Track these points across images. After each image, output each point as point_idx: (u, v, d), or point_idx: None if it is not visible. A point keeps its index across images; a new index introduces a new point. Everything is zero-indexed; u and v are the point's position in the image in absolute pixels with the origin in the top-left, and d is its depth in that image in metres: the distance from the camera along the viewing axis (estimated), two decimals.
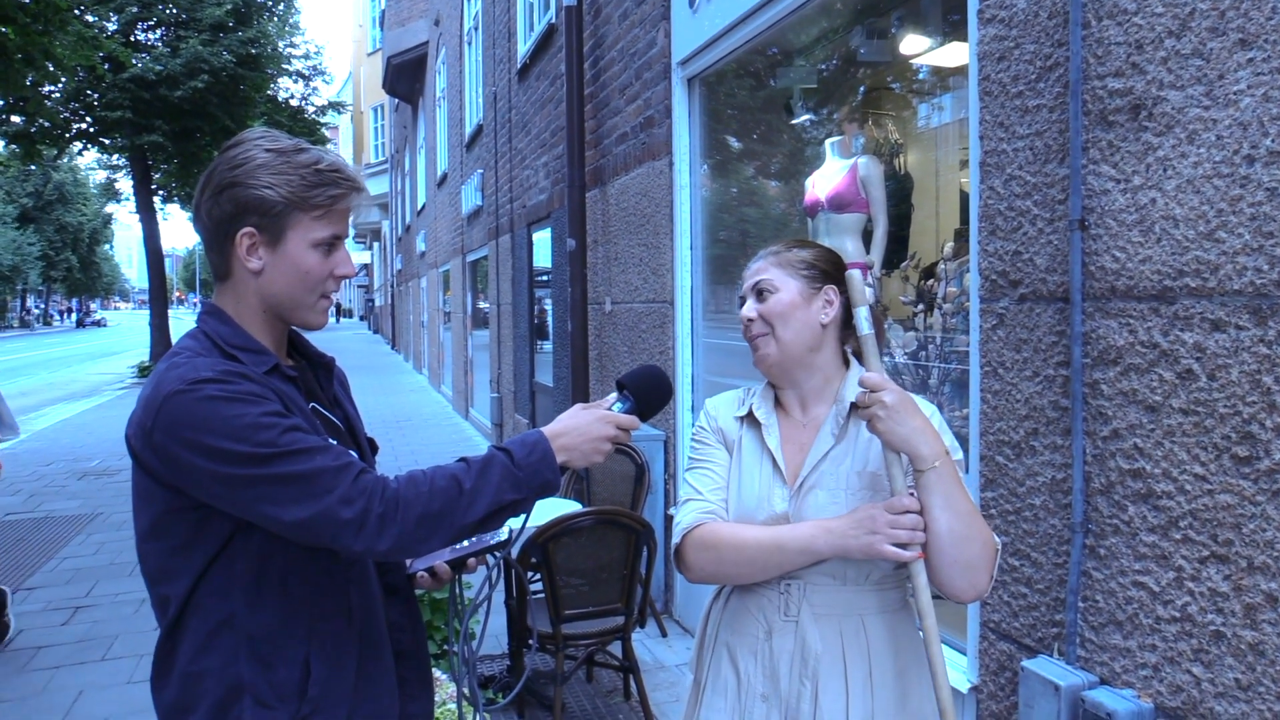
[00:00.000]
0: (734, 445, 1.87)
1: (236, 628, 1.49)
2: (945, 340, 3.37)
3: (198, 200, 1.56)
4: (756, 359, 1.85)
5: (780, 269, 1.83)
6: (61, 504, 8.71)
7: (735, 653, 1.81)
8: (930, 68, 3.80)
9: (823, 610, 1.74)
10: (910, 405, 1.62)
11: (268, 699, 1.49)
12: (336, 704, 1.55)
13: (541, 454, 1.55)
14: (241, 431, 1.39)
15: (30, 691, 4.50)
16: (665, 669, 4.72)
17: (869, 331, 1.68)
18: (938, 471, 1.60)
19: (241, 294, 1.57)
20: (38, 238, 56.95)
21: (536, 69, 8.57)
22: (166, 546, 1.51)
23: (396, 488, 1.44)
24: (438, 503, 1.45)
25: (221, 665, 1.49)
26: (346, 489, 1.41)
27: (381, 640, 1.66)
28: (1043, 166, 2.44)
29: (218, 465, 1.39)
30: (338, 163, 1.57)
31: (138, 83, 19.89)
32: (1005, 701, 2.61)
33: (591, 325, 6.78)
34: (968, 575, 1.62)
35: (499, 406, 11.22)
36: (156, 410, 1.42)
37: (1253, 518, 1.92)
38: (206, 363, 1.46)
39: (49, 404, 17.88)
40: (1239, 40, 1.92)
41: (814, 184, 4.11)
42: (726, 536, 1.75)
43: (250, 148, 1.53)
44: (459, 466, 1.51)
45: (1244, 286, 1.92)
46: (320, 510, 1.40)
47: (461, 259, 14.70)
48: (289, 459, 1.40)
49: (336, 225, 1.57)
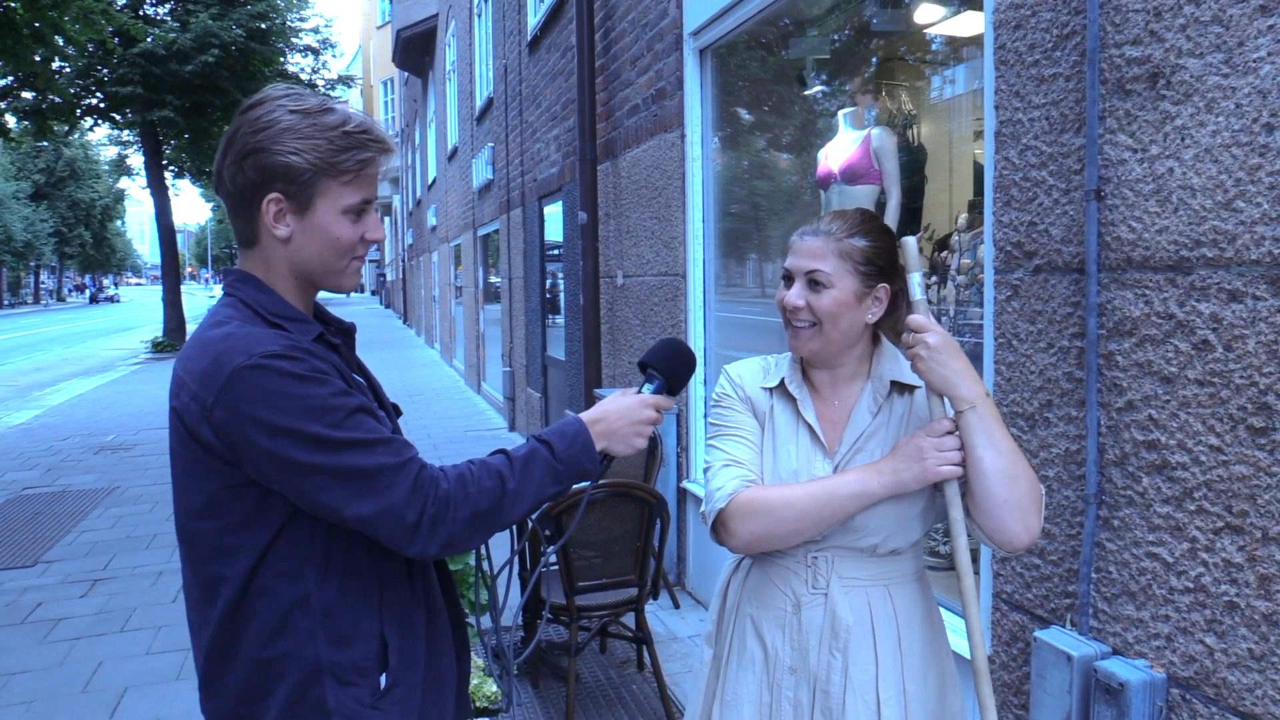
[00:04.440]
0: (764, 416, 1.85)
1: (311, 607, 1.45)
2: (959, 312, 3.36)
3: (219, 164, 1.50)
4: (793, 346, 1.81)
5: (839, 260, 1.74)
6: (78, 478, 8.79)
7: (761, 626, 1.81)
8: (944, 37, 3.76)
9: (852, 581, 1.75)
10: (953, 347, 1.63)
11: (349, 676, 1.47)
12: (413, 672, 1.54)
13: (582, 444, 1.55)
14: (312, 413, 1.36)
15: (51, 662, 4.57)
16: (678, 640, 4.75)
17: (921, 297, 1.69)
18: (977, 412, 1.61)
19: (271, 260, 1.52)
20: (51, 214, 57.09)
21: (547, 41, 8.52)
22: (223, 524, 1.44)
23: (448, 488, 1.43)
24: (485, 502, 1.45)
25: (298, 647, 1.45)
26: (407, 490, 1.40)
27: (438, 602, 1.65)
28: (1059, 136, 2.42)
29: (285, 447, 1.36)
30: (366, 123, 1.51)
31: (148, 58, 19.87)
32: (1018, 672, 2.62)
33: (603, 299, 6.77)
34: (1020, 516, 1.62)
35: (511, 380, 11.24)
36: (222, 385, 1.37)
37: (1267, 488, 1.92)
38: (267, 334, 1.42)
39: (64, 379, 18.01)
40: (1259, 6, 1.89)
41: (827, 156, 4.08)
42: (775, 496, 1.71)
43: (274, 108, 1.46)
44: (503, 463, 1.50)
45: (1262, 256, 1.90)
46: (382, 509, 1.38)
47: (473, 233, 14.69)
48: (355, 450, 1.38)
49: (366, 189, 1.51)
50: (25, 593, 5.62)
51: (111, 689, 4.27)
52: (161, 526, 6.98)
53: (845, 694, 1.72)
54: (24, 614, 5.26)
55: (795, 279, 1.77)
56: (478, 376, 14.61)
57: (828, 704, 1.73)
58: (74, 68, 19.66)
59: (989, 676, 1.68)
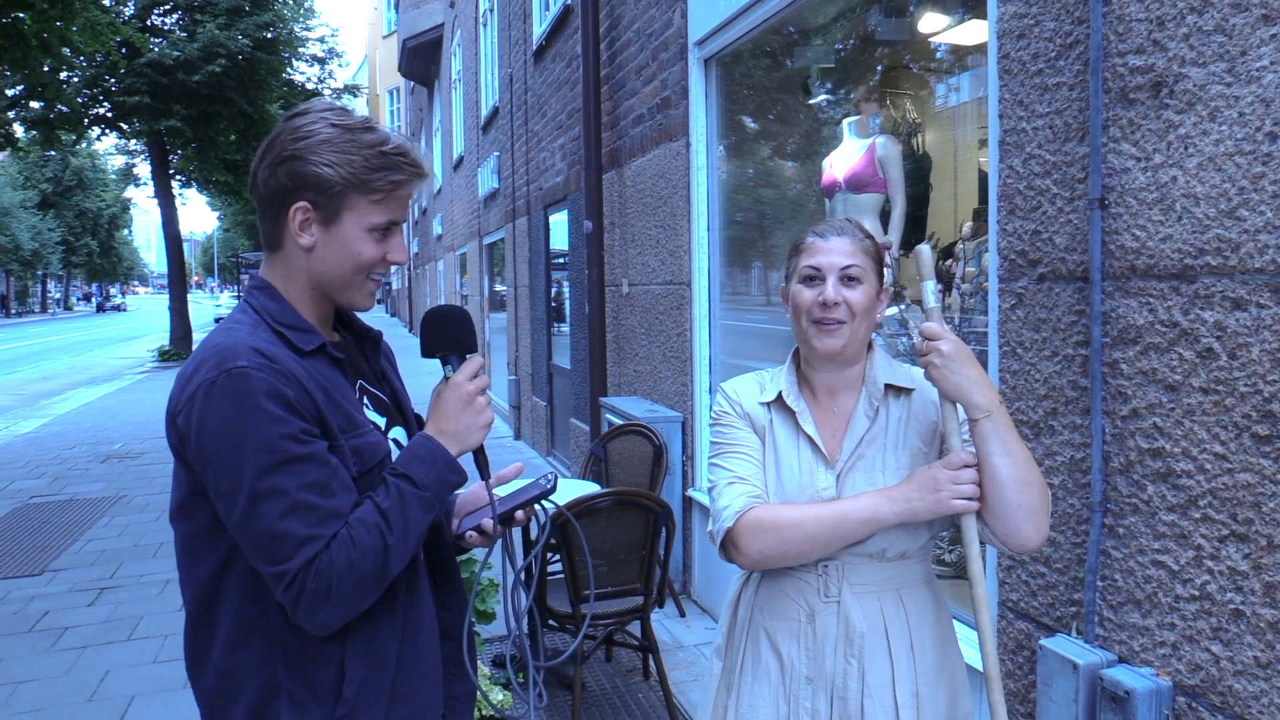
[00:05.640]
0: (764, 430, 1.85)
1: (270, 628, 1.46)
2: (964, 320, 3.37)
3: (256, 166, 1.51)
4: (822, 345, 1.77)
5: (865, 257, 1.77)
6: (85, 487, 8.81)
7: (775, 637, 1.82)
8: (949, 46, 3.77)
9: (863, 588, 1.76)
10: (966, 355, 1.65)
11: (303, 699, 1.47)
12: (374, 701, 1.51)
13: (439, 460, 1.53)
14: (249, 448, 1.36)
15: (58, 671, 4.57)
16: (684, 648, 4.75)
17: (935, 305, 1.70)
18: (993, 420, 1.63)
19: (292, 268, 1.53)
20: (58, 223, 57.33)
21: (552, 50, 8.55)
22: (190, 529, 1.48)
23: (329, 560, 1.38)
24: (369, 563, 1.41)
25: (257, 664, 1.47)
26: (297, 568, 1.37)
27: (426, 630, 1.61)
28: (1062, 145, 2.43)
29: (214, 471, 1.38)
30: (404, 145, 1.51)
31: (155, 68, 19.95)
32: (1023, 680, 2.62)
33: (609, 307, 6.78)
34: (1033, 519, 1.64)
35: (516, 389, 11.26)
36: (190, 394, 1.40)
37: (1273, 496, 1.92)
38: (245, 348, 1.41)
39: (71, 388, 18.06)
40: (1261, 16, 1.90)
41: (831, 164, 4.09)
42: (784, 516, 1.72)
43: (316, 120, 1.47)
44: (375, 517, 1.44)
45: (1265, 265, 1.91)
46: (271, 574, 1.38)
47: (478, 242, 14.72)
48: (270, 502, 1.36)
49: (395, 211, 1.51)
50: (33, 601, 5.63)
51: (119, 697, 4.28)
52: (168, 535, 6.94)
53: (863, 699, 1.74)
54: (31, 622, 5.27)
55: (826, 276, 1.76)
56: None
57: (845, 711, 1.74)
58: (82, 77, 19.76)
59: (1001, 683, 1.69)
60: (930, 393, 1.79)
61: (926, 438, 1.80)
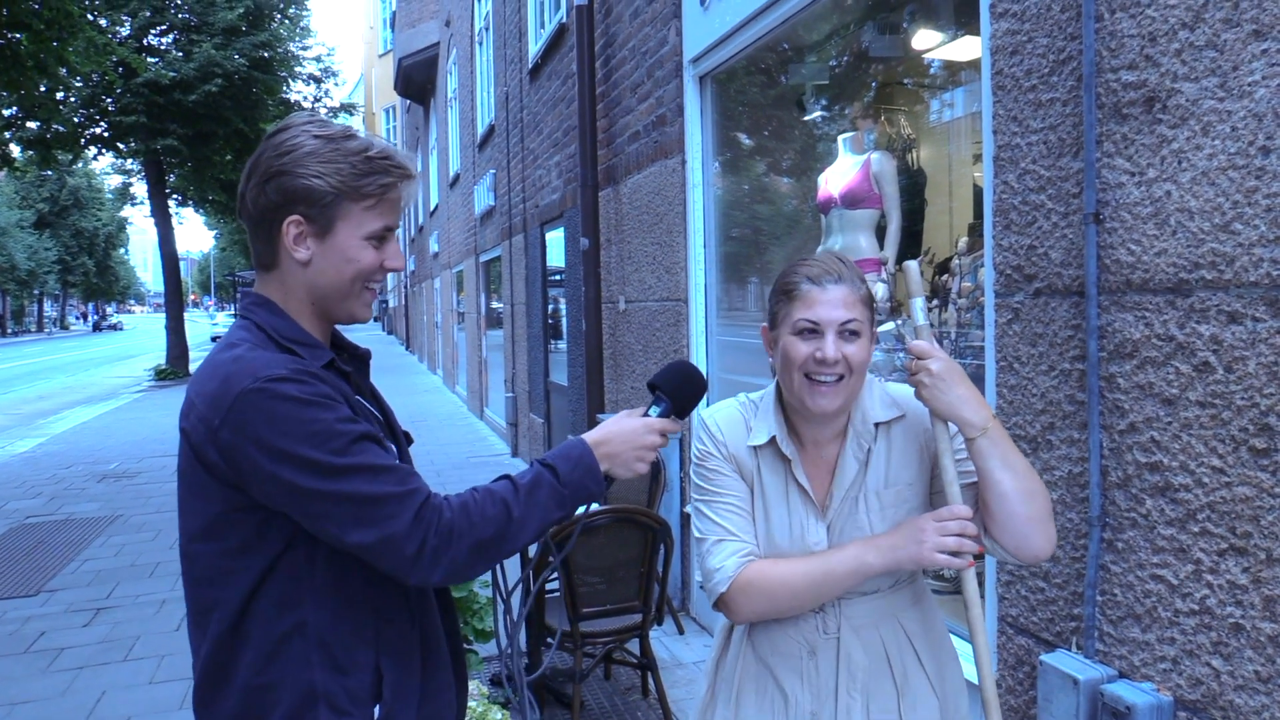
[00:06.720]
0: (752, 476, 1.79)
1: (308, 634, 1.45)
2: (960, 335, 3.37)
3: (243, 188, 1.50)
4: (817, 406, 1.67)
5: (863, 307, 1.68)
6: (82, 506, 8.78)
7: (778, 673, 1.79)
8: (942, 62, 3.79)
9: (861, 621, 1.75)
10: (957, 373, 1.62)
11: (343, 705, 1.46)
12: (407, 706, 1.52)
13: (586, 467, 1.53)
14: (316, 438, 1.36)
15: (54, 692, 4.55)
16: (683, 666, 4.73)
17: (924, 322, 1.68)
18: (989, 437, 1.60)
19: (289, 285, 1.52)
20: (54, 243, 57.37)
21: (548, 68, 8.59)
22: (222, 548, 1.44)
23: (451, 518, 1.41)
24: (489, 530, 1.43)
25: (294, 674, 1.45)
26: (409, 520, 1.38)
27: (438, 635, 1.63)
28: (1057, 160, 2.44)
29: (288, 471, 1.36)
30: (388, 149, 1.51)
31: (151, 87, 20.03)
32: (1024, 696, 2.61)
33: (605, 324, 6.79)
34: (1042, 529, 1.62)
35: (514, 406, 11.24)
36: (227, 407, 1.37)
37: (1271, 509, 1.92)
38: (276, 358, 1.42)
39: (67, 407, 18.03)
40: (1253, 31, 1.91)
41: (827, 180, 4.11)
42: (774, 576, 1.69)
43: (297, 133, 1.47)
44: (507, 490, 1.48)
45: (1260, 278, 1.91)
46: (382, 538, 1.37)
47: (475, 259, 14.73)
48: (358, 476, 1.37)
49: (388, 216, 1.52)
50: (28, 622, 5.60)
51: (115, 718, 4.25)
52: (164, 555, 6.97)
53: None
54: (27, 643, 5.24)
55: (825, 332, 1.64)
56: (480, 402, 14.61)
57: None
58: (78, 97, 19.80)
59: (998, 705, 1.68)
60: (921, 412, 1.74)
61: (916, 466, 1.76)
